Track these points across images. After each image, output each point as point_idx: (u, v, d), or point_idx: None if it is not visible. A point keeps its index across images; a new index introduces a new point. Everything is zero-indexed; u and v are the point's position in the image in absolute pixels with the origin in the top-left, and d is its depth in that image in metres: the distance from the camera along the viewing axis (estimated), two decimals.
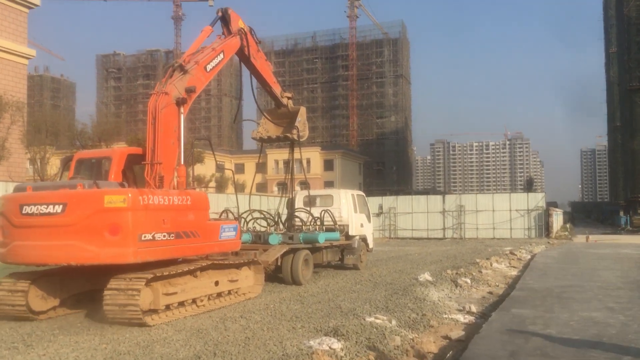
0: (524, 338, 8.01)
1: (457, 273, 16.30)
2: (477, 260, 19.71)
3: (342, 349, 7.38)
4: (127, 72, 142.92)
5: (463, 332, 8.75)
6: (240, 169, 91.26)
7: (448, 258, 22.32)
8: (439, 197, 43.59)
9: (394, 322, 9.09)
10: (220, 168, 63.39)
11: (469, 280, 14.61)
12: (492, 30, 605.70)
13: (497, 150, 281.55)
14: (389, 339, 7.94)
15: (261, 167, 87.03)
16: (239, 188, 72.48)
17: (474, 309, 10.97)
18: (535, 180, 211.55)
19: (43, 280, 10.10)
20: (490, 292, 13.45)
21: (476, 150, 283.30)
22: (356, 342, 7.78)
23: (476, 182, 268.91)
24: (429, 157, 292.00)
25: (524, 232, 39.38)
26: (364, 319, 9.14)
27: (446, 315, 10.23)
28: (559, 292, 12.56)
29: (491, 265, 18.85)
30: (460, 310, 10.94)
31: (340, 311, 10.24)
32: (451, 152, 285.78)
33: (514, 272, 17.59)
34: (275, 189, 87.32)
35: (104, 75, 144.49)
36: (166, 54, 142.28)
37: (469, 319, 10.08)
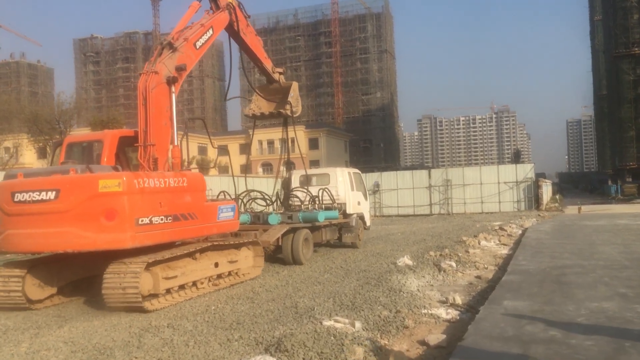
0: (521, 346, 6.16)
1: (441, 255, 14.51)
2: (464, 239, 17.93)
3: None
4: (105, 56, 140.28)
5: (444, 336, 6.97)
6: (223, 150, 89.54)
7: (433, 237, 20.58)
8: (424, 172, 41.77)
9: (358, 324, 7.28)
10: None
11: (453, 264, 12.81)
12: (476, 1, 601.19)
13: (484, 124, 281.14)
14: (347, 351, 6.12)
15: (244, 148, 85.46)
16: (223, 170, 70.93)
17: (458, 299, 9.19)
18: (522, 152, 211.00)
19: (39, 269, 9.89)
20: (479, 277, 11.69)
21: (463, 124, 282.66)
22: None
23: (464, 157, 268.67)
24: (416, 133, 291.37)
25: (513, 205, 37.96)
26: (321, 323, 7.31)
27: (425, 310, 8.46)
28: (557, 275, 10.78)
29: (479, 243, 17.10)
30: (442, 303, 9.19)
31: (294, 312, 8.43)
32: (438, 127, 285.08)
33: (505, 251, 15.88)
34: (260, 169, 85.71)
35: (82, 60, 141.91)
36: (145, 35, 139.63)
37: (452, 314, 8.31)
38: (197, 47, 11.99)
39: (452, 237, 19.67)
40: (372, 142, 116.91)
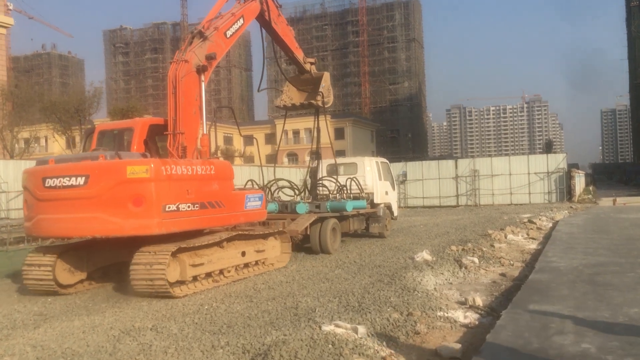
0: None
1: (463, 249, 13.55)
2: (490, 232, 16.89)
3: None
4: (134, 47, 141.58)
5: (459, 345, 6.09)
6: (249, 140, 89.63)
7: (457, 229, 19.57)
8: (451, 162, 40.46)
9: (361, 330, 6.44)
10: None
11: (476, 260, 11.84)
12: None
13: (515, 114, 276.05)
14: None
15: (270, 138, 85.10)
16: (248, 159, 70.82)
17: (479, 301, 8.28)
18: (554, 142, 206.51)
19: (69, 254, 10.03)
20: (503, 274, 10.72)
21: (493, 114, 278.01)
22: None
23: (494, 147, 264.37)
24: (445, 124, 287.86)
25: (544, 197, 36.50)
26: (320, 328, 6.50)
27: (441, 313, 7.58)
28: (591, 275, 9.73)
29: (505, 237, 16.07)
30: (461, 304, 8.29)
31: (293, 314, 7.61)
32: (468, 118, 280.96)
33: (533, 246, 14.80)
34: (286, 159, 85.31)
35: (112, 51, 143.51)
36: (173, 26, 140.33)
37: (471, 318, 7.42)
38: (228, 36, 12.02)
39: (477, 230, 18.66)
40: (399, 132, 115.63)
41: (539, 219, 21.78)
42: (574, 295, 8.05)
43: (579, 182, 40.62)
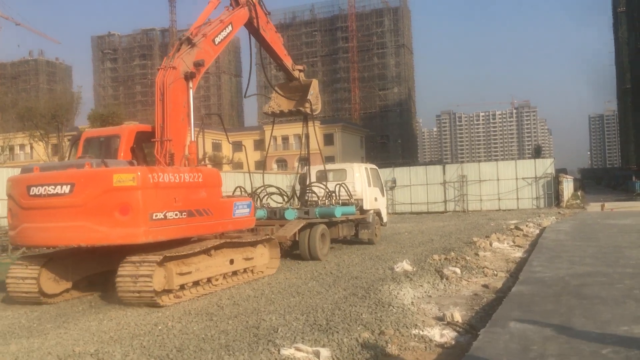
0: None
1: (446, 258, 13.03)
2: (475, 239, 16.41)
3: None
4: (123, 53, 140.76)
5: None
6: (238, 147, 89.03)
7: (442, 237, 19.08)
8: (439, 168, 39.99)
9: (325, 353, 5.92)
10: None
11: (458, 270, 11.31)
12: None
13: (504, 120, 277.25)
14: None
15: (259, 144, 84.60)
16: (237, 166, 70.54)
17: (458, 316, 7.74)
18: (543, 148, 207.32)
19: (54, 263, 9.91)
20: (486, 286, 10.21)
21: (483, 120, 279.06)
22: None
23: (484, 153, 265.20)
24: (435, 129, 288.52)
25: (532, 202, 36.27)
26: (279, 352, 5.95)
27: (416, 331, 7.04)
28: (577, 286, 9.22)
29: (491, 245, 15.58)
30: (439, 320, 7.75)
31: (253, 335, 6.98)
32: (457, 123, 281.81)
33: (519, 254, 14.32)
34: (275, 166, 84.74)
35: (100, 57, 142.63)
36: (162, 32, 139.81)
37: (447, 336, 6.89)
38: (216, 43, 12.00)
39: (463, 238, 18.21)
40: (389, 138, 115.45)
41: (526, 226, 21.39)
42: (558, 311, 7.50)
43: (567, 187, 40.35)
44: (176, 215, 9.42)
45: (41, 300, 9.69)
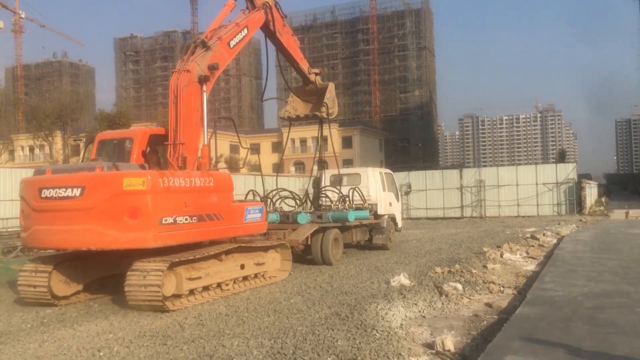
0: None
1: (449, 271, 11.98)
2: (485, 250, 15.30)
3: None
4: (145, 55, 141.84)
5: None
6: (256, 150, 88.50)
7: (452, 246, 18.01)
8: (455, 172, 38.78)
9: None
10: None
11: (459, 286, 10.21)
12: None
13: (528, 124, 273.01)
14: None
15: (277, 146, 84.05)
16: (254, 168, 70.06)
17: (449, 344, 6.68)
18: (568, 152, 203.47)
19: (65, 265, 9.94)
20: (489, 305, 9.12)
21: (506, 124, 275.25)
22: None
23: (507, 157, 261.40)
24: (457, 133, 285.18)
25: (553, 209, 34.96)
26: None
27: None
28: (591, 309, 8.09)
29: (501, 256, 14.46)
30: (428, 348, 6.71)
31: None
32: (480, 127, 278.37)
33: (531, 267, 13.18)
34: (293, 168, 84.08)
35: (122, 59, 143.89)
36: (183, 34, 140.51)
37: None
38: (231, 46, 11.91)
39: (473, 247, 17.14)
40: (410, 141, 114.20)
41: (543, 234, 20.21)
42: (565, 342, 6.38)
43: (590, 193, 38.84)
44: (186, 219, 9.34)
45: (52, 302, 9.69)
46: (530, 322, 7.40)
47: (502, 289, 10.41)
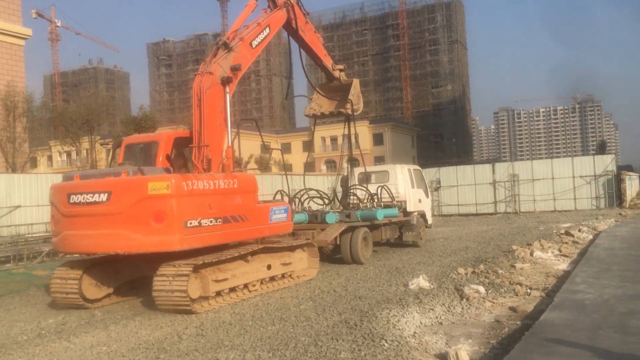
0: None
1: (473, 272, 11.32)
2: (514, 248, 14.51)
3: None
4: (177, 59, 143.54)
5: None
6: (287, 148, 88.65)
7: (480, 244, 17.27)
8: (487, 167, 37.66)
9: None
10: (266, 148, 60.45)
11: (482, 289, 9.51)
12: None
13: (566, 115, 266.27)
14: None
15: (308, 145, 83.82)
16: (285, 168, 69.64)
17: (464, 356, 6.09)
18: (608, 144, 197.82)
19: (96, 268, 10.12)
20: (513, 309, 8.45)
21: (543, 116, 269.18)
22: None
23: (545, 150, 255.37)
24: (492, 127, 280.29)
25: (592, 202, 33.67)
26: None
27: None
28: (624, 314, 7.35)
29: (531, 254, 13.66)
30: (440, 359, 6.12)
31: None
32: (516, 120, 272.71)
33: (563, 266, 12.38)
34: (324, 167, 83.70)
35: (155, 63, 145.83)
36: (214, 37, 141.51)
37: None
38: (253, 46, 11.93)
39: (502, 245, 16.40)
40: (443, 136, 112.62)
41: (579, 230, 19.22)
42: (591, 354, 5.73)
43: (631, 185, 37.34)
44: (211, 222, 9.39)
45: (84, 305, 9.87)
46: (555, 329, 6.74)
47: (529, 291, 9.71)
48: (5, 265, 16.96)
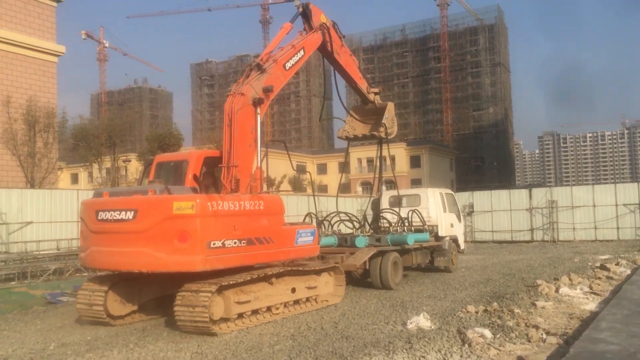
0: None
1: (485, 310, 10.02)
2: (538, 282, 13.12)
3: None
4: (219, 79, 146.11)
5: None
6: (322, 169, 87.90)
7: (504, 276, 15.95)
8: (524, 192, 35.94)
9: None
10: (300, 170, 60.14)
11: (487, 333, 8.26)
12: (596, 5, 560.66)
13: (615, 141, 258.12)
14: None
15: (344, 167, 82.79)
16: (320, 189, 69.08)
17: None
18: None
19: (121, 285, 10.18)
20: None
21: (590, 141, 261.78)
22: None
23: (591, 176, 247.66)
24: (537, 151, 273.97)
25: (636, 232, 31.58)
26: None
27: None
28: None
29: (557, 290, 12.24)
30: None
31: None
32: (562, 145, 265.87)
33: (591, 305, 10.91)
34: (359, 189, 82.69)
35: (198, 83, 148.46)
36: (255, 58, 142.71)
37: None
38: (287, 68, 11.98)
39: (528, 279, 15.04)
40: (484, 160, 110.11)
41: (616, 263, 17.53)
42: None
43: None
44: (235, 243, 9.36)
45: (108, 322, 9.93)
46: None
47: (544, 336, 8.32)
48: (10, 283, 16.57)
